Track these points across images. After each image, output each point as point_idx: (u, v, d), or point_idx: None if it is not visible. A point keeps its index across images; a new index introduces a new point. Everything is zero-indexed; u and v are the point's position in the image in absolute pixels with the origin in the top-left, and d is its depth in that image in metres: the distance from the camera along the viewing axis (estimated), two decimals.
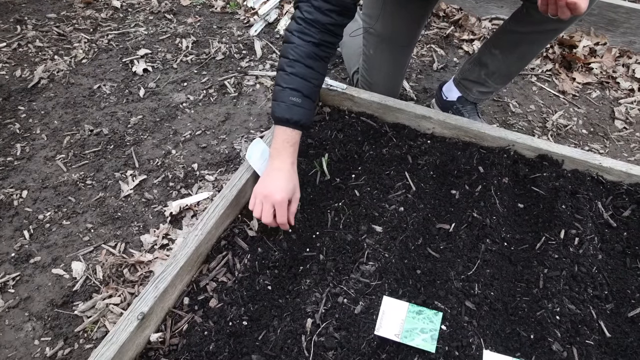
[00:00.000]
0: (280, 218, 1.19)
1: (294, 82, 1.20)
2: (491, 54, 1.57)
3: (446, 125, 1.58)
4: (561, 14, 1.04)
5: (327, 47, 1.24)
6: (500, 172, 1.45)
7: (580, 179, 1.44)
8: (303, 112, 1.21)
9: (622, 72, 2.18)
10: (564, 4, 1.00)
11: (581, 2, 0.99)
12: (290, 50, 1.20)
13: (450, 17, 2.50)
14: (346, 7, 1.20)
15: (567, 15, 1.04)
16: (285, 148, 1.22)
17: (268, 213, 1.18)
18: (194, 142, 1.78)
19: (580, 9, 1.00)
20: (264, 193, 1.19)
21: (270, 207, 1.18)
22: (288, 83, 1.20)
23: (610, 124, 1.96)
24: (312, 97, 1.24)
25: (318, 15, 1.18)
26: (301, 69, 1.20)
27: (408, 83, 2.09)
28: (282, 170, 1.21)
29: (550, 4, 1.04)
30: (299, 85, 1.20)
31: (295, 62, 1.20)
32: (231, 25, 2.44)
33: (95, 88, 2.01)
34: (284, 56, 1.22)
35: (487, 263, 1.22)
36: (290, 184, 1.21)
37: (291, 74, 1.20)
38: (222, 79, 2.08)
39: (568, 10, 1.02)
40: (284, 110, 1.20)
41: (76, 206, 1.54)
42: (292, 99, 1.20)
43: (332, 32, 1.22)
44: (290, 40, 1.21)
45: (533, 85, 2.13)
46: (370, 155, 1.51)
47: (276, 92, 1.23)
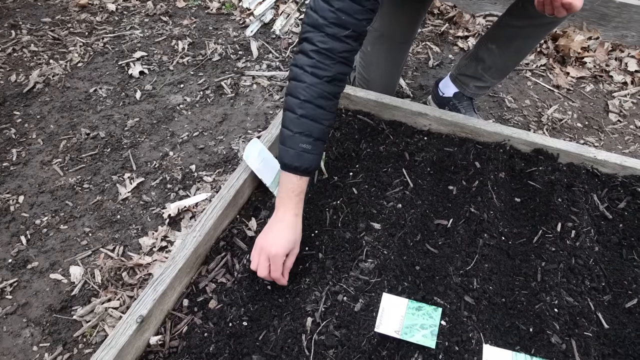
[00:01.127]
0: (274, 273, 1.12)
1: (305, 126, 1.11)
2: (487, 49, 1.58)
3: (442, 122, 1.58)
4: (557, 12, 1.05)
5: (340, 81, 1.15)
6: (497, 167, 1.46)
7: (575, 172, 1.45)
8: (312, 159, 1.14)
9: (615, 66, 2.19)
10: (559, 4, 1.01)
11: (576, 1, 1.00)
12: (301, 90, 1.10)
13: (445, 14, 2.51)
14: (362, 31, 1.13)
15: (563, 14, 1.05)
16: (291, 198, 1.14)
17: (263, 266, 1.11)
18: (191, 144, 1.78)
19: (575, 8, 1.01)
20: (261, 245, 1.13)
21: (266, 260, 1.11)
22: (298, 127, 1.12)
23: (604, 117, 1.97)
24: (323, 139, 1.16)
25: (334, 43, 1.09)
26: (312, 111, 1.11)
27: (404, 80, 2.09)
28: (283, 222, 1.13)
29: (547, 4, 1.05)
30: (310, 129, 1.12)
31: (306, 102, 1.10)
32: (227, 26, 2.44)
33: (91, 91, 2.01)
34: (294, 96, 1.12)
35: (485, 258, 1.22)
36: (290, 238, 1.13)
37: (301, 117, 1.11)
38: (218, 80, 2.08)
39: (564, 10, 1.03)
40: (292, 158, 1.12)
41: (73, 210, 1.54)
42: (302, 146, 1.12)
43: (347, 61, 1.13)
44: (300, 79, 1.11)
45: (528, 80, 2.14)
46: (368, 153, 1.52)
47: (285, 136, 1.14)
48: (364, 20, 1.10)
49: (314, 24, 1.09)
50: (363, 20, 1.10)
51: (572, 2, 0.99)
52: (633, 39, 2.27)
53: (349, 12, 1.07)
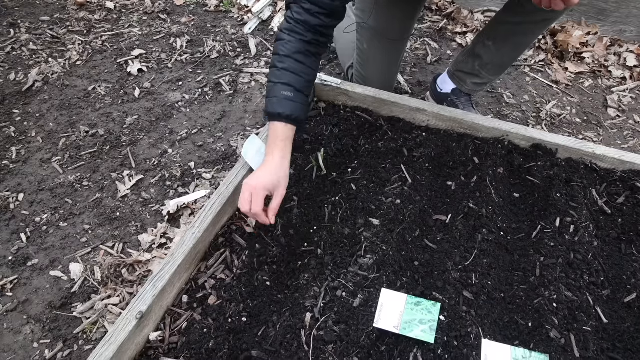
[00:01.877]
0: (254, 206, 1.15)
1: (285, 77, 1.21)
2: (485, 46, 1.58)
3: (441, 118, 1.58)
4: (555, 6, 1.05)
5: (318, 44, 1.25)
6: (495, 162, 1.46)
7: (574, 167, 1.45)
8: (295, 106, 1.21)
9: (614, 61, 2.18)
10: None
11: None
12: (281, 46, 1.22)
13: (443, 10, 2.50)
14: (335, 10, 1.22)
15: (560, 7, 1.05)
16: (276, 144, 1.21)
17: (244, 200, 1.16)
18: (190, 141, 1.78)
19: (573, 1, 1.01)
20: (246, 181, 1.19)
21: (249, 195, 1.16)
22: (279, 78, 1.21)
23: (603, 112, 1.97)
24: (304, 91, 1.24)
25: (307, 17, 1.20)
26: (292, 64, 1.21)
27: (402, 77, 2.09)
28: (268, 163, 1.21)
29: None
30: (291, 80, 1.21)
31: (286, 57, 1.21)
32: (225, 24, 2.44)
33: (90, 89, 2.01)
34: (276, 53, 1.23)
35: (484, 253, 1.22)
36: (273, 177, 1.19)
37: (282, 69, 1.21)
38: (217, 77, 2.08)
39: (561, 3, 1.03)
40: (275, 105, 1.21)
41: (73, 208, 1.54)
42: (284, 93, 1.20)
43: (322, 33, 1.24)
44: (281, 38, 1.23)
45: (526, 75, 2.14)
46: (366, 149, 1.52)
47: (268, 88, 1.24)
48: (337, 1, 1.20)
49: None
50: (336, 0, 1.20)
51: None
52: (632, 34, 2.27)
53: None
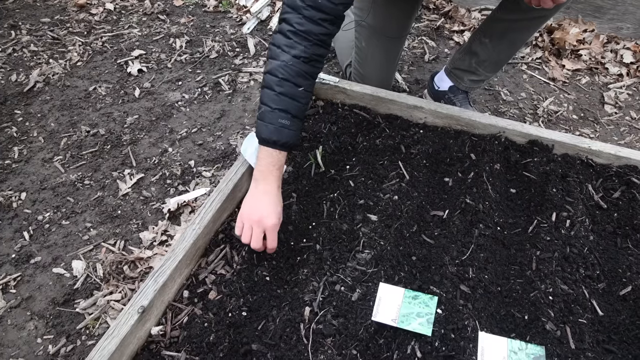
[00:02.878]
0: (272, 243, 1.15)
1: (283, 103, 1.15)
2: (481, 43, 1.59)
3: (438, 115, 1.60)
4: (544, 4, 1.07)
5: (317, 61, 1.19)
6: (492, 158, 1.47)
7: (570, 163, 1.46)
8: (291, 134, 1.17)
9: (611, 58, 2.20)
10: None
11: None
12: (280, 68, 1.14)
13: (441, 9, 2.52)
14: (338, 15, 1.16)
15: (549, 6, 1.07)
16: (271, 172, 1.17)
17: (258, 238, 1.14)
18: (190, 140, 1.80)
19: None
20: (254, 218, 1.14)
21: (261, 232, 1.14)
22: (277, 104, 1.15)
23: (600, 108, 1.98)
24: (300, 116, 1.19)
25: (310, 25, 1.13)
26: (290, 89, 1.15)
27: (400, 75, 2.11)
28: (269, 194, 1.16)
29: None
30: (288, 106, 1.16)
31: (284, 81, 1.14)
32: (224, 24, 2.46)
33: (90, 90, 2.03)
34: (272, 74, 1.15)
35: (480, 247, 1.24)
36: (279, 209, 1.17)
37: (280, 94, 1.15)
38: (216, 77, 2.10)
39: (550, 1, 1.05)
40: (271, 132, 1.15)
41: (75, 206, 1.56)
42: (281, 121, 1.15)
43: (324, 43, 1.17)
44: (278, 57, 1.14)
45: (523, 73, 2.15)
46: (364, 146, 1.53)
47: (264, 112, 1.17)
48: (340, 4, 1.14)
49: (292, 5, 1.13)
50: (339, 4, 1.14)
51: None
52: (628, 31, 2.29)
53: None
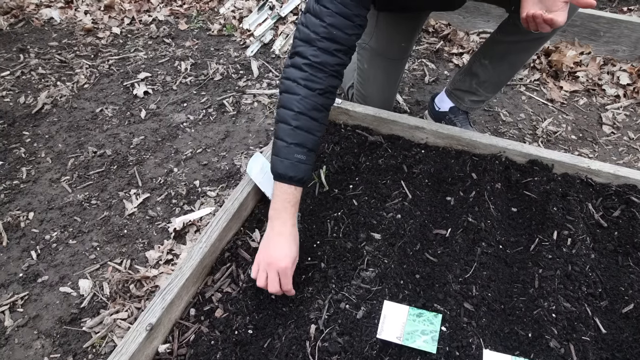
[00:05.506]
0: (286, 286, 1.13)
1: (299, 137, 1.14)
2: (481, 64, 1.64)
3: (439, 135, 1.63)
4: (541, 29, 1.10)
5: (332, 93, 1.19)
6: (493, 177, 1.50)
7: (570, 182, 1.48)
8: (307, 169, 1.16)
9: (608, 80, 2.24)
10: (542, 21, 1.07)
11: (558, 17, 1.05)
12: (295, 102, 1.13)
13: (440, 32, 2.58)
14: (352, 45, 1.18)
15: (547, 30, 1.10)
16: (286, 208, 1.15)
17: (274, 282, 1.12)
18: (195, 160, 1.83)
19: (558, 24, 1.06)
20: (268, 261, 1.13)
21: (276, 275, 1.12)
22: (293, 138, 1.14)
23: (598, 129, 2.02)
24: (315, 150, 1.19)
25: (325, 57, 1.13)
26: (306, 122, 1.14)
27: (401, 96, 2.15)
28: (283, 235, 1.14)
29: (531, 22, 1.10)
30: (305, 140, 1.15)
31: (300, 114, 1.14)
32: (228, 47, 2.52)
33: (97, 111, 2.07)
34: (287, 108, 1.15)
35: (483, 265, 1.25)
36: (294, 249, 1.15)
37: (296, 128, 1.14)
38: (220, 99, 2.14)
39: (548, 26, 1.08)
40: (288, 168, 1.14)
41: (82, 225, 1.58)
42: (297, 156, 1.14)
43: (338, 74, 1.18)
44: (294, 91, 1.14)
45: (522, 94, 2.20)
46: (367, 166, 1.56)
47: (279, 147, 1.16)
48: (353, 35, 1.16)
49: (306, 39, 1.14)
50: (353, 35, 1.16)
51: (554, 18, 1.05)
52: (624, 53, 2.34)
53: (340, 27, 1.13)
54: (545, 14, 1.06)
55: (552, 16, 1.05)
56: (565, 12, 1.06)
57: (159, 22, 2.74)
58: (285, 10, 2.71)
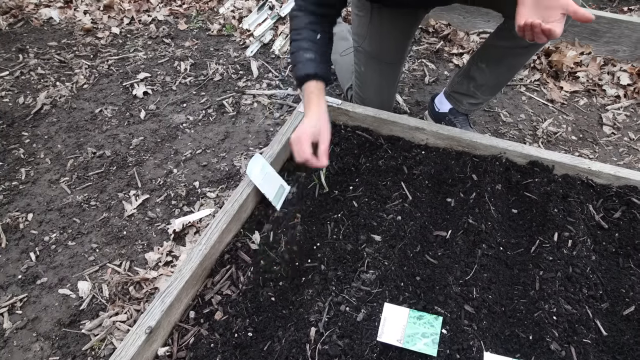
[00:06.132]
0: (302, 154, 1.27)
1: (305, 43, 1.33)
2: (478, 68, 1.63)
3: (439, 136, 1.62)
4: (537, 39, 1.09)
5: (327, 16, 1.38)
6: (493, 179, 1.49)
7: (570, 183, 1.48)
8: (318, 66, 1.33)
9: (608, 80, 2.24)
10: (539, 31, 1.06)
11: (556, 28, 1.04)
12: (295, 21, 1.36)
13: (440, 32, 2.57)
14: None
15: (543, 40, 1.09)
16: (311, 99, 1.33)
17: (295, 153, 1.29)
18: (194, 161, 1.82)
19: (555, 35, 1.05)
20: (292, 138, 1.31)
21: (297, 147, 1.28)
22: (300, 45, 1.34)
23: (598, 129, 2.01)
24: (324, 55, 1.36)
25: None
26: (308, 33, 1.34)
27: (401, 97, 2.15)
28: (307, 116, 1.33)
29: (527, 31, 1.09)
30: (310, 45, 1.33)
31: (302, 29, 1.34)
32: (228, 47, 2.51)
33: (97, 112, 2.06)
34: (292, 29, 1.37)
35: (484, 267, 1.25)
36: (313, 123, 1.30)
37: (301, 39, 1.34)
38: (220, 99, 2.14)
39: (544, 37, 1.07)
40: (301, 69, 1.33)
41: (81, 227, 1.57)
42: (306, 56, 1.32)
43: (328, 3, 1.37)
44: (293, 16, 1.37)
45: (522, 95, 2.19)
46: (367, 167, 1.55)
47: (292, 58, 1.37)
48: None
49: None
50: None
51: (552, 28, 1.04)
52: (624, 54, 2.33)
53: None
54: (543, 24, 1.05)
55: (550, 27, 1.04)
56: (562, 24, 1.06)
57: (158, 22, 2.74)
58: (285, 10, 2.70)
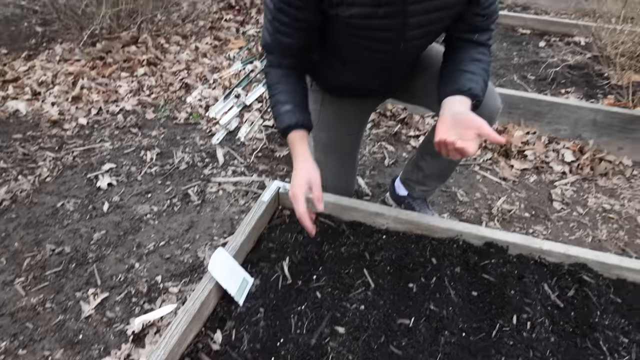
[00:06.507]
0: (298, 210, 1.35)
1: (282, 97, 1.39)
2: (424, 159, 1.73)
3: (399, 221, 1.68)
4: (452, 156, 1.18)
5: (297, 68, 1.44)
6: (452, 262, 1.53)
7: (525, 263, 1.53)
8: (298, 116, 1.38)
9: (554, 157, 2.40)
10: (453, 149, 1.15)
11: (469, 147, 1.13)
12: (269, 78, 1.43)
13: (397, 116, 2.74)
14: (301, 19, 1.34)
15: (457, 157, 1.19)
16: (295, 148, 1.39)
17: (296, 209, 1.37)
18: (157, 254, 1.81)
19: (468, 153, 1.15)
20: (289, 195, 1.39)
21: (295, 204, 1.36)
22: (277, 100, 1.39)
23: (549, 205, 2.12)
24: (301, 104, 1.42)
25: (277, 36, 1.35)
26: (281, 87, 1.40)
27: (363, 179, 2.23)
28: (295, 168, 1.39)
29: (442, 147, 1.19)
30: (287, 98, 1.39)
31: (275, 84, 1.41)
32: (194, 135, 2.59)
33: (58, 206, 2.04)
34: (268, 86, 1.44)
35: (447, 356, 1.25)
36: (302, 174, 1.36)
37: (277, 93, 1.40)
38: (185, 188, 2.16)
39: (458, 155, 1.17)
40: (282, 121, 1.39)
41: (34, 333, 1.50)
42: (284, 108, 1.38)
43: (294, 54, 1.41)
44: (266, 73, 1.44)
45: (477, 174, 2.31)
46: (330, 254, 1.58)
47: (273, 114, 1.43)
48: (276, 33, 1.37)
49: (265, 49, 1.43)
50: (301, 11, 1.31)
51: (465, 147, 1.13)
52: (566, 132, 2.52)
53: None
54: (457, 142, 1.14)
55: (464, 145, 1.13)
56: (476, 143, 1.15)
57: (126, 112, 2.81)
58: (250, 99, 2.84)
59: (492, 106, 1.51)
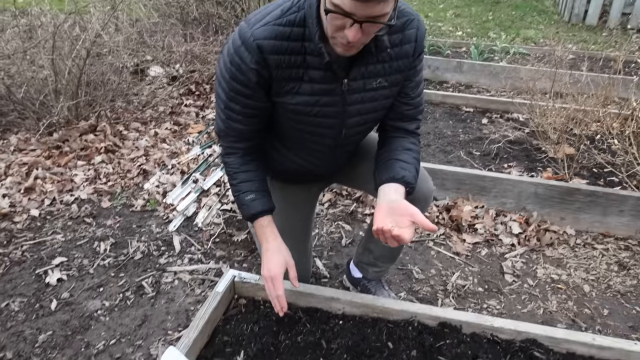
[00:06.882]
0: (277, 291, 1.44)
1: (243, 187, 1.46)
2: (373, 242, 1.79)
3: (354, 304, 1.69)
4: (390, 243, 1.27)
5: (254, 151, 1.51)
6: (408, 345, 1.54)
7: (478, 342, 1.56)
8: (261, 202, 1.47)
9: (502, 230, 2.51)
10: (390, 236, 1.23)
11: (405, 235, 1.22)
12: (228, 168, 1.49)
13: (352, 195, 2.82)
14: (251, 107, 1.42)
15: (394, 245, 1.27)
16: (264, 232, 1.47)
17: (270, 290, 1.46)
18: (107, 354, 1.72)
19: (404, 241, 1.23)
20: (265, 275, 1.45)
21: (271, 284, 1.44)
22: (239, 190, 1.46)
23: (501, 278, 2.19)
24: (262, 188, 1.50)
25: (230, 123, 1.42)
26: (242, 175, 1.47)
27: (320, 261, 2.25)
28: (268, 250, 1.46)
29: (380, 235, 1.27)
30: (248, 187, 1.46)
31: (235, 174, 1.47)
32: (150, 223, 2.56)
33: (2, 307, 1.94)
34: (228, 174, 1.50)
35: None
36: (280, 256, 1.45)
37: (238, 183, 1.47)
38: (139, 280, 2.11)
39: (395, 242, 1.25)
40: (246, 210, 1.47)
41: None
42: (248, 197, 1.45)
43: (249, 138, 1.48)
44: (224, 162, 1.51)
45: (431, 249, 2.38)
46: (286, 345, 1.55)
47: (237, 203, 1.50)
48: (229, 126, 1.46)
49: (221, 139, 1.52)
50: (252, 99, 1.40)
51: (401, 235, 1.21)
52: (512, 205, 2.66)
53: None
54: (394, 230, 1.22)
55: (400, 233, 1.21)
56: (411, 230, 1.24)
57: (81, 201, 2.78)
58: (208, 184, 2.88)
59: (426, 189, 1.62)
